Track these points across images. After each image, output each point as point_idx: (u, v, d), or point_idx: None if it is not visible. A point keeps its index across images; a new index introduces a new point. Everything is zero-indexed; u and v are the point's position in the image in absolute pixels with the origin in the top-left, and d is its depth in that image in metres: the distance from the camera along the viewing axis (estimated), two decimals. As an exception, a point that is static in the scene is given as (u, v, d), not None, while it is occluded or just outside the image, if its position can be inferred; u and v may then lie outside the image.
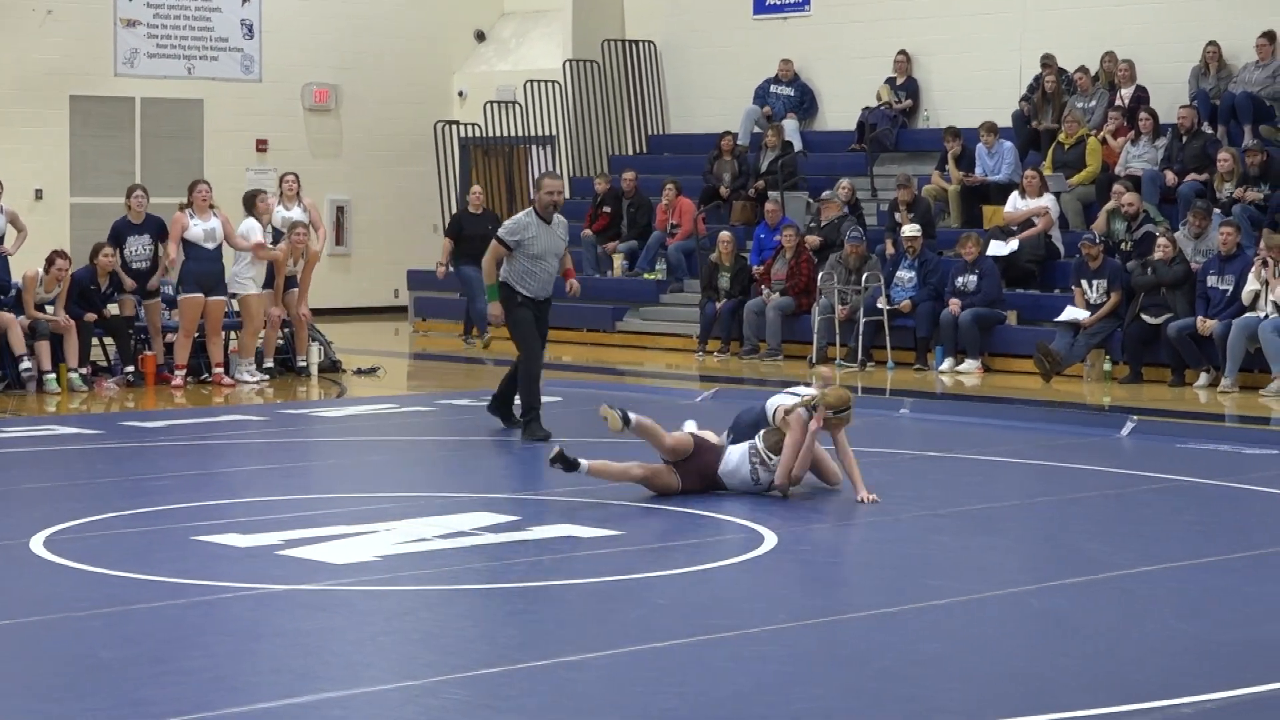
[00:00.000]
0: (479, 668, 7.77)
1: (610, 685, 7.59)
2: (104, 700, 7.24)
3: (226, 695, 7.34)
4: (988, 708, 7.29)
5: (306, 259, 20.50)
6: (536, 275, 14.89)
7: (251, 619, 8.81)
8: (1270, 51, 22.84)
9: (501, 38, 31.74)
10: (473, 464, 14.53)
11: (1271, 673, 7.76)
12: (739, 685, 7.57)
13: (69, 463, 14.35)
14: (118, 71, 28.08)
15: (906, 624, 8.75)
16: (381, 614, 8.96)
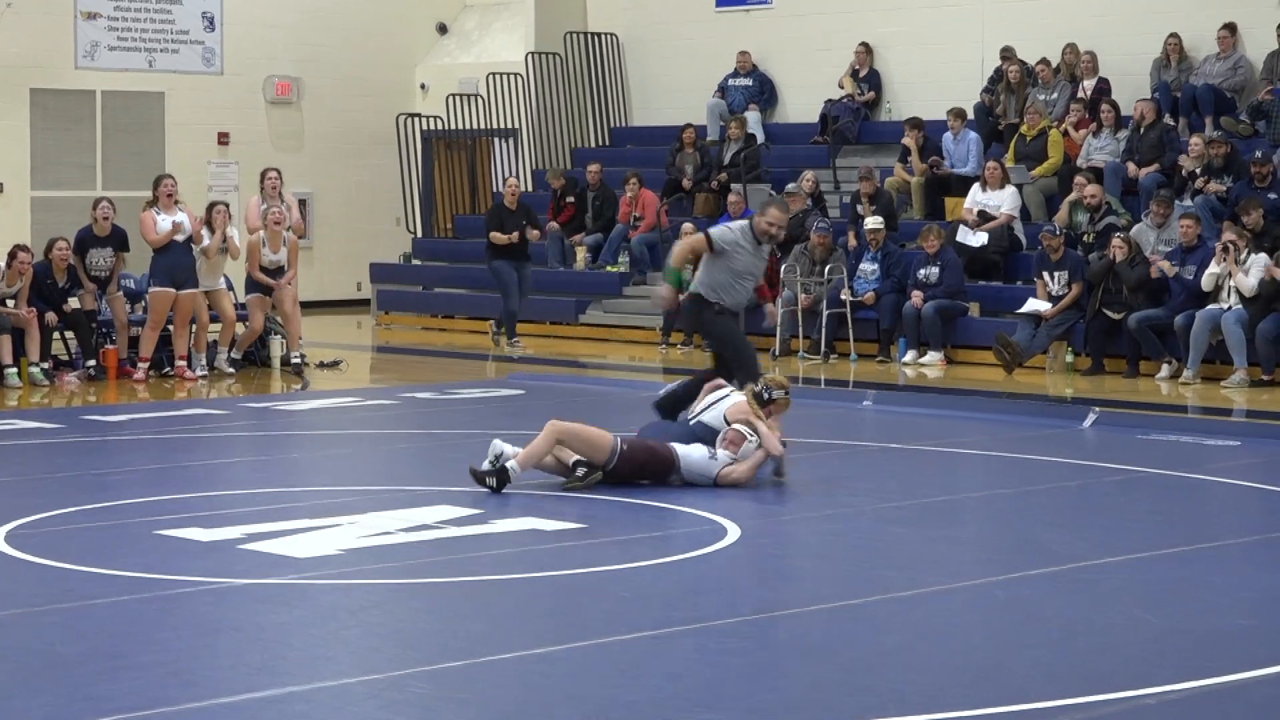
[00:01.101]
0: (443, 661, 7.75)
1: (575, 678, 7.58)
2: (59, 696, 7.20)
3: (186, 690, 7.31)
4: (951, 699, 7.29)
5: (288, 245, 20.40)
6: (735, 291, 13.85)
7: (213, 613, 8.78)
8: (1231, 44, 22.92)
9: (464, 30, 31.71)
10: (436, 457, 14.50)
11: (1234, 663, 7.77)
12: (704, 677, 7.56)
13: (30, 457, 14.30)
14: (78, 64, 27.99)
15: (870, 616, 8.75)
16: (344, 608, 8.94)
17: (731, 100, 27.16)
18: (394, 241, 29.95)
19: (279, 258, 20.34)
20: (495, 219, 23.77)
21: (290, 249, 20.47)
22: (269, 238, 20.26)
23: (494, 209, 24.35)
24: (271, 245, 20.30)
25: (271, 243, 20.29)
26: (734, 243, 13.67)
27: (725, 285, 13.77)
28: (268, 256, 20.27)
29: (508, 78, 29.43)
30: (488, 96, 29.50)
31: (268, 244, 20.25)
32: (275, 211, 20.38)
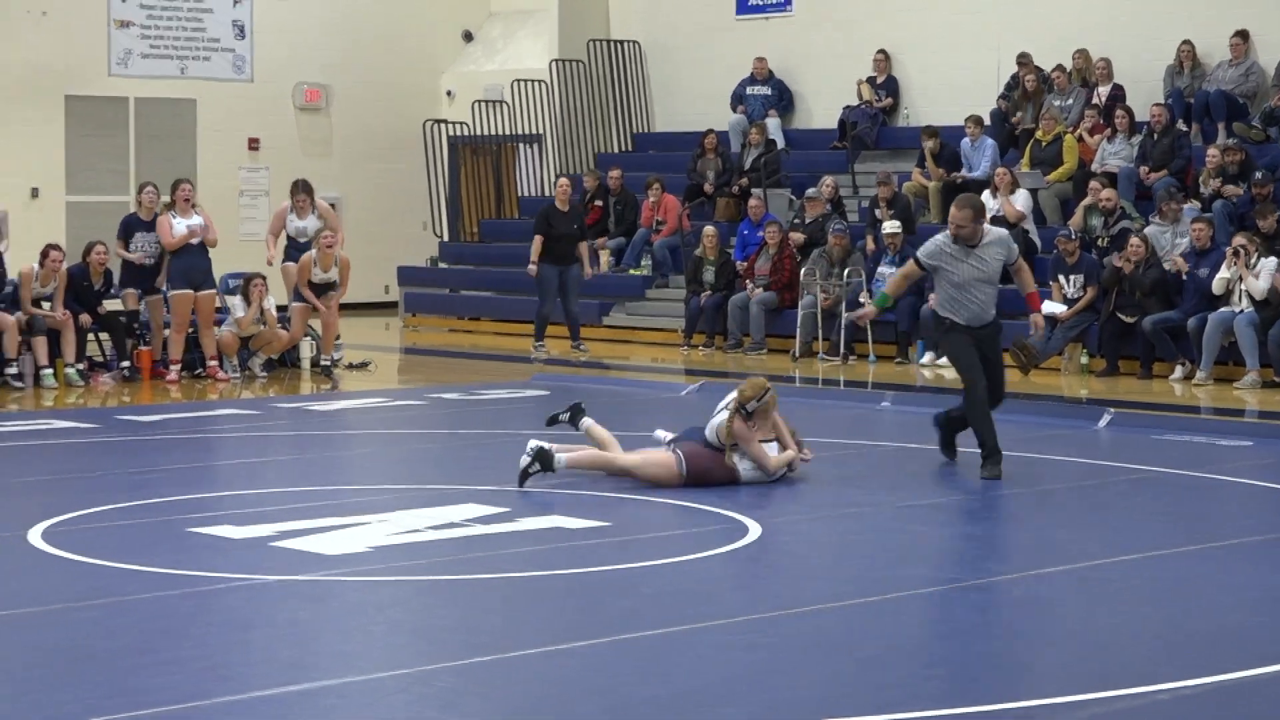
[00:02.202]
0: (469, 656, 7.78)
1: (598, 673, 7.60)
2: (96, 690, 7.24)
3: (219, 684, 7.34)
4: (967, 694, 7.31)
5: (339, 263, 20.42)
6: (964, 304, 12.98)
7: (245, 609, 8.81)
8: (1243, 50, 22.89)
9: (489, 38, 31.73)
10: (463, 456, 14.53)
11: (1246, 660, 7.78)
12: (724, 673, 7.58)
13: (66, 456, 14.34)
14: (112, 72, 28.06)
15: (886, 612, 8.76)
16: (374, 604, 8.97)
17: (750, 108, 27.15)
18: (421, 245, 29.98)
19: (330, 275, 20.36)
20: (544, 220, 22.97)
21: (342, 268, 20.44)
22: (320, 257, 20.26)
23: (545, 211, 23.32)
24: (322, 264, 20.30)
25: (322, 262, 20.30)
26: (938, 254, 13.02)
27: (950, 299, 13.05)
28: (318, 275, 20.28)
29: (532, 84, 29.45)
30: (512, 103, 29.53)
31: (318, 263, 20.26)
32: (327, 235, 20.37)
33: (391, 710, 7.13)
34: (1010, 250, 13.10)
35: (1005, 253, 13.01)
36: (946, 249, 12.95)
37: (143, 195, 19.98)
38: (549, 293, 22.78)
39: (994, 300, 13.05)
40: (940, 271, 12.97)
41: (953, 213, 13.01)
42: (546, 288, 22.85)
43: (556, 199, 23.27)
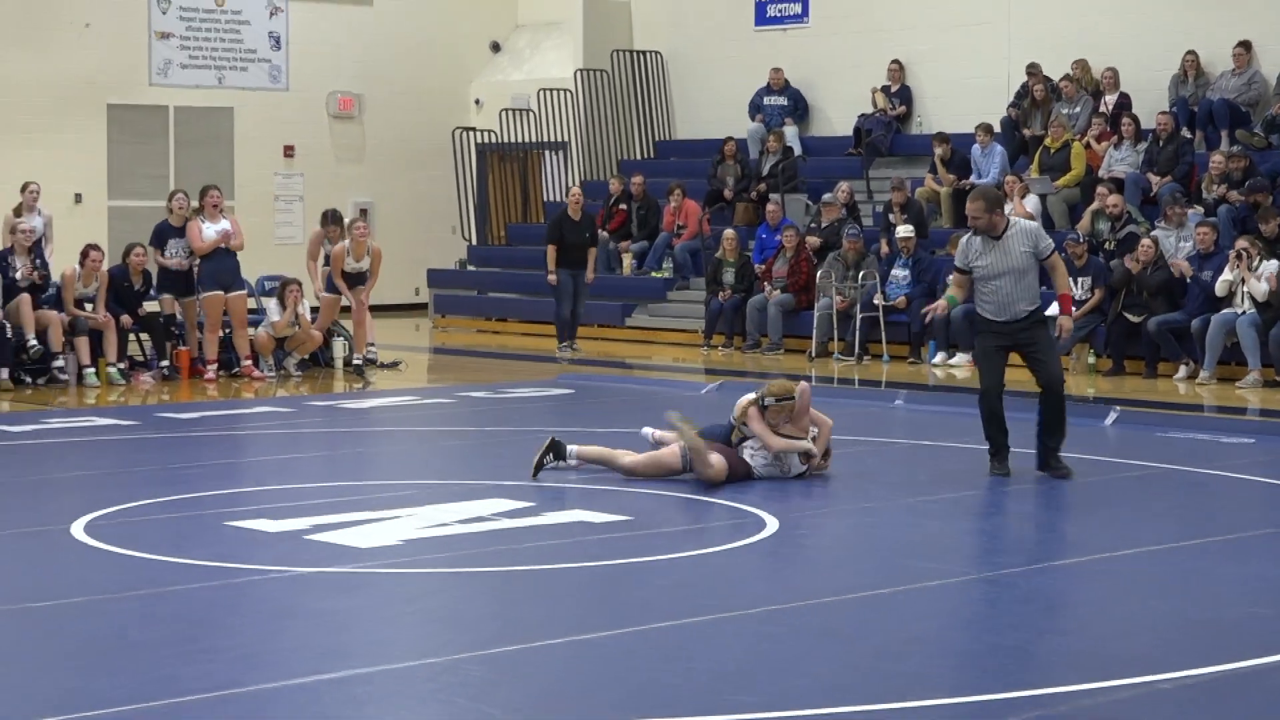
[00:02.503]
0: (497, 646, 7.79)
1: (620, 661, 7.61)
2: (137, 678, 7.26)
3: (255, 672, 7.36)
4: (976, 683, 7.31)
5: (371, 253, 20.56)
6: (989, 299, 12.61)
7: (280, 600, 8.83)
8: (1246, 60, 22.87)
9: (516, 48, 31.75)
10: (490, 453, 14.54)
11: (1249, 650, 7.77)
12: (742, 662, 7.59)
13: (107, 452, 14.38)
14: (152, 81, 28.12)
15: (899, 604, 8.76)
16: (404, 595, 8.98)
17: (767, 116, 27.14)
18: (450, 249, 30.01)
19: (362, 265, 20.44)
20: (556, 229, 23.03)
21: (374, 257, 20.54)
22: (353, 246, 20.36)
23: (557, 218, 23.42)
24: (355, 253, 20.40)
25: (355, 250, 20.39)
26: (965, 251, 12.76)
27: (979, 293, 12.71)
28: (350, 264, 20.37)
29: (557, 94, 29.46)
30: (538, 111, 29.55)
31: (351, 252, 20.36)
32: (361, 226, 20.50)
33: (421, 697, 7.14)
34: (1038, 242, 12.58)
35: (1032, 244, 12.51)
36: (972, 244, 12.68)
37: (173, 203, 20.00)
38: (565, 296, 22.83)
39: (1027, 293, 12.53)
40: (972, 268, 12.69)
41: (968, 205, 12.78)
42: (562, 291, 22.90)
43: (569, 208, 23.25)
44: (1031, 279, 12.59)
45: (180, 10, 28.30)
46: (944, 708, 6.88)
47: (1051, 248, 12.74)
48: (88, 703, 6.84)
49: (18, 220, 19.49)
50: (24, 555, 9.97)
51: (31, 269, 18.72)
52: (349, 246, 20.39)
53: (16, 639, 8.01)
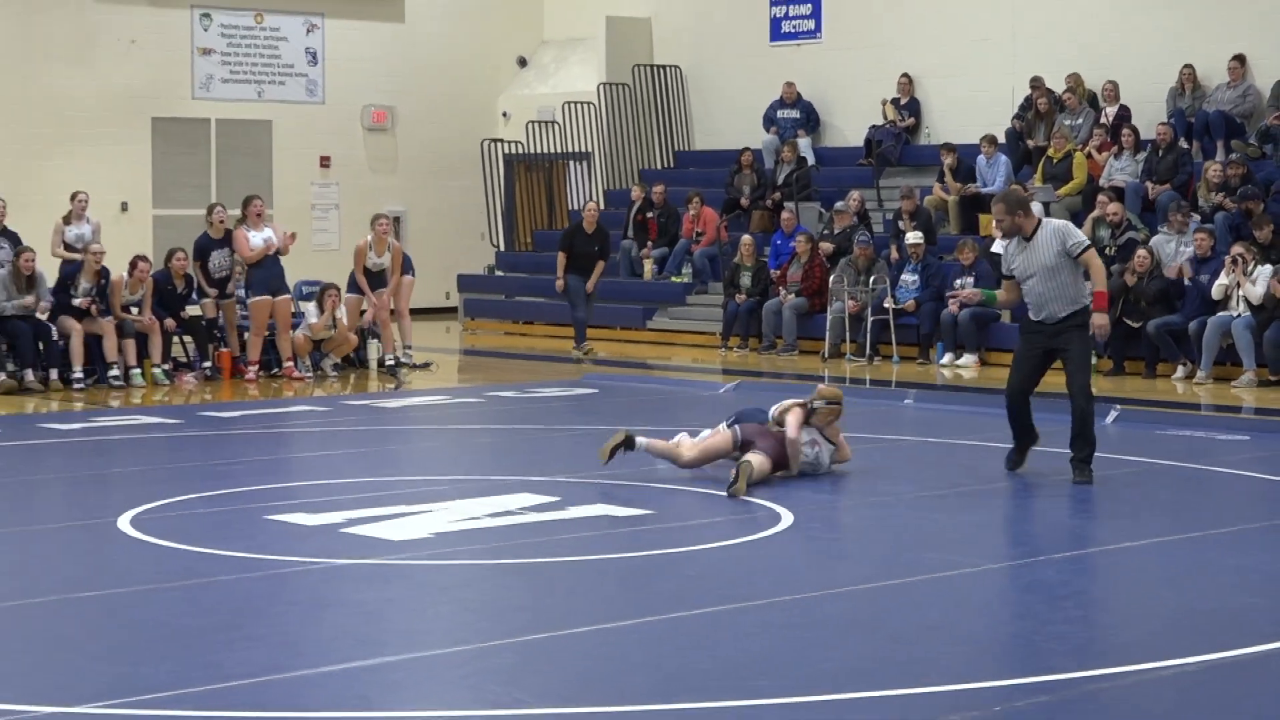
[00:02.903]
0: (526, 634, 7.79)
1: (646, 649, 7.60)
2: (182, 664, 7.27)
3: (294, 659, 7.37)
4: (984, 670, 7.30)
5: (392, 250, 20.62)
6: (1027, 299, 12.20)
7: (318, 590, 8.84)
8: (1241, 74, 22.82)
9: (541, 63, 31.76)
10: (518, 450, 14.55)
11: (1245, 639, 7.76)
12: (763, 648, 7.58)
13: (153, 449, 14.41)
14: (195, 95, 28.17)
15: (911, 594, 8.75)
16: (436, 586, 8.98)
17: (780, 129, 27.12)
18: (479, 254, 30.03)
19: (383, 261, 20.49)
20: (569, 239, 23.23)
21: (394, 254, 20.59)
22: (375, 242, 20.41)
23: (570, 229, 23.68)
24: (377, 249, 20.45)
25: (377, 246, 20.44)
26: (1004, 257, 12.34)
27: (1023, 295, 12.29)
28: (372, 260, 20.42)
29: (582, 106, 29.47)
30: (563, 123, 29.56)
31: (373, 248, 20.41)
32: (383, 221, 20.58)
33: (453, 683, 7.14)
34: (1066, 238, 11.99)
35: (1060, 241, 11.95)
36: (1009, 248, 12.24)
37: (213, 215, 20.03)
38: (579, 299, 22.92)
39: (1062, 294, 12.01)
40: (1012, 271, 12.22)
41: (993, 209, 12.44)
42: (576, 295, 23.00)
43: (584, 220, 23.32)
44: (1065, 279, 12.00)
45: (221, 28, 28.35)
46: (955, 693, 6.87)
47: (1082, 245, 12.05)
48: (136, 688, 6.85)
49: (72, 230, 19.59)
50: (74, 548, 9.99)
51: (91, 300, 18.71)
52: (371, 242, 20.42)
53: (68, 627, 8.02)
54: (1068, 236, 12.07)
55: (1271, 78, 22.68)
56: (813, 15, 27.91)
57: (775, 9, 28.33)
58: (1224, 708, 6.80)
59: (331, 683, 7.03)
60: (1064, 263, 11.99)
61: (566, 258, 22.99)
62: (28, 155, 26.42)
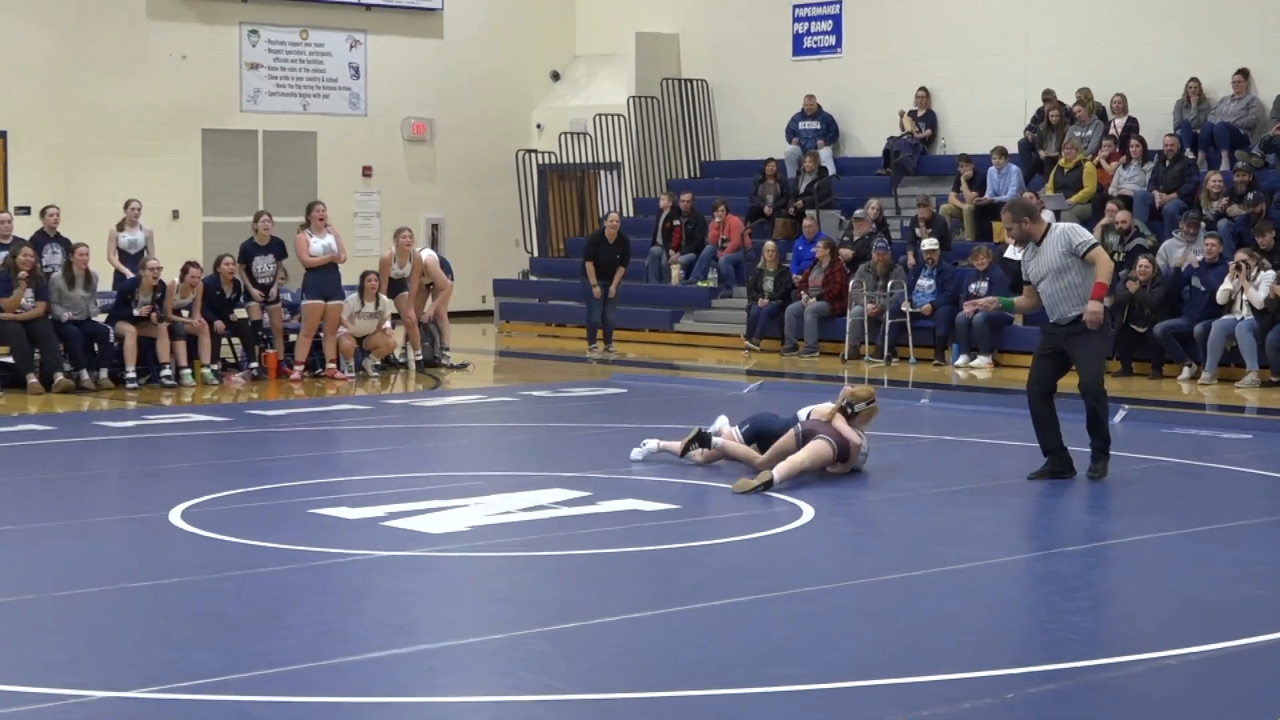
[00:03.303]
0: (556, 623, 7.78)
1: (671, 637, 7.60)
2: (229, 651, 7.28)
3: (335, 647, 7.38)
4: (996, 658, 7.27)
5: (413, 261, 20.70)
6: (1043, 300, 12.08)
7: (358, 581, 8.84)
8: (1245, 87, 22.76)
9: (574, 77, 31.77)
10: (550, 447, 14.55)
11: (1248, 629, 7.72)
12: (783, 638, 7.57)
13: (202, 446, 14.44)
14: (243, 108, 28.22)
15: (926, 586, 8.73)
16: (471, 576, 8.98)
17: (802, 140, 27.09)
18: (514, 260, 30.05)
19: (404, 272, 20.67)
20: (592, 249, 23.36)
21: (415, 265, 20.74)
22: (398, 254, 20.59)
23: (593, 238, 23.79)
24: (399, 260, 20.67)
25: (399, 258, 20.64)
26: (1023, 263, 12.24)
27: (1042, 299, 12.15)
28: (395, 270, 20.62)
29: (612, 118, 29.47)
30: (595, 135, 29.57)
31: (397, 259, 20.59)
32: (405, 234, 20.72)
33: (487, 670, 7.14)
34: (1069, 240, 11.84)
35: (1066, 242, 11.82)
36: (1025, 254, 12.17)
37: (259, 223, 20.09)
38: (596, 304, 23.20)
39: (1070, 295, 11.83)
40: (1028, 276, 12.11)
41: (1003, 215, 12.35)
42: (594, 300, 23.23)
43: (606, 230, 23.46)
44: (1073, 279, 11.82)
45: (268, 43, 28.41)
46: (968, 681, 6.85)
47: (1088, 244, 11.84)
48: (185, 673, 6.86)
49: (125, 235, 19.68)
50: (127, 540, 10.01)
51: (151, 308, 18.77)
52: (395, 253, 20.63)
53: (121, 615, 8.04)
54: (1073, 236, 11.95)
55: (1274, 90, 22.62)
56: (833, 31, 27.88)
57: (797, 25, 28.30)
58: (1228, 696, 6.77)
59: (370, 669, 7.03)
60: (1071, 263, 11.86)
61: (593, 268, 23.12)
62: (84, 165, 26.50)
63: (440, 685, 6.93)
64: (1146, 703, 6.64)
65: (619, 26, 30.31)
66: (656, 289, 26.06)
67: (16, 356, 18.34)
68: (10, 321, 18.20)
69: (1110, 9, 24.58)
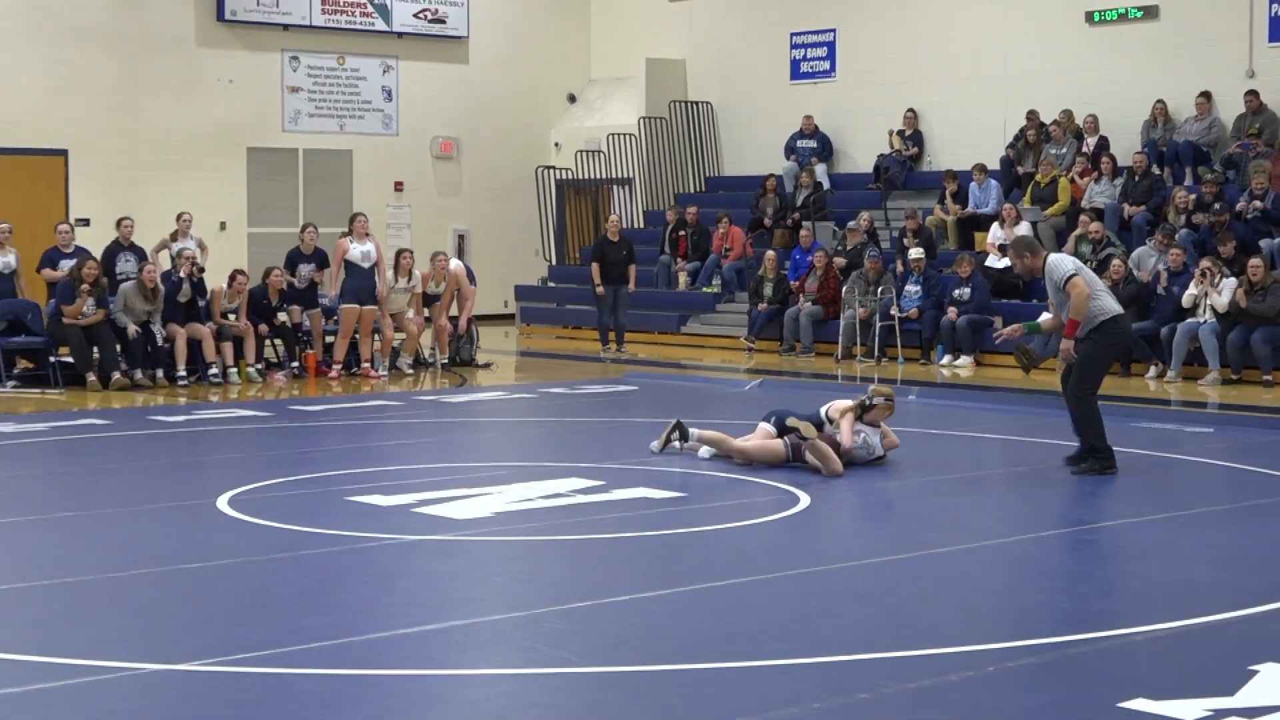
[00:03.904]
0: (573, 602, 7.79)
1: (678, 615, 7.60)
2: (272, 628, 7.30)
3: (371, 623, 7.39)
4: (977, 634, 7.28)
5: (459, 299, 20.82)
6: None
7: (391, 563, 8.86)
8: (1207, 108, 22.72)
9: (589, 99, 31.76)
10: (566, 439, 14.55)
11: (1208, 607, 7.73)
12: (780, 616, 7.57)
13: (247, 438, 14.45)
14: (284, 128, 28.23)
15: (912, 568, 8.74)
16: (495, 559, 8.99)
17: (800, 156, 27.08)
18: (533, 268, 30.04)
19: (439, 289, 20.82)
20: (598, 251, 23.45)
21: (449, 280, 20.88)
22: (434, 272, 20.88)
23: (598, 242, 23.88)
24: (435, 279, 20.76)
25: (436, 276, 20.79)
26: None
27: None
28: (430, 287, 20.81)
29: (624, 137, 29.47)
30: (608, 152, 29.56)
31: (433, 279, 20.80)
32: (440, 258, 20.79)
33: (509, 645, 7.15)
34: (1053, 273, 11.99)
35: (1054, 276, 12.01)
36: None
37: (305, 234, 20.21)
38: (606, 306, 23.20)
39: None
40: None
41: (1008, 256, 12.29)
42: (604, 303, 23.26)
43: (608, 232, 23.61)
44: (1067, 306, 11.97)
45: (308, 69, 28.42)
46: (951, 655, 6.86)
47: (1066, 275, 11.94)
48: (232, 648, 6.88)
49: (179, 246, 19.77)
50: (178, 525, 10.03)
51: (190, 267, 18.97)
52: (431, 272, 20.77)
53: (172, 595, 8.06)
54: (1054, 271, 12.02)
55: (1234, 112, 22.58)
56: (828, 57, 27.86)
57: (795, 51, 28.28)
58: (1190, 668, 6.77)
59: (402, 644, 7.05)
60: (1062, 294, 12.01)
61: (600, 267, 23.14)
62: (139, 181, 26.53)
63: (467, 659, 6.94)
64: (1114, 675, 6.64)
65: (630, 53, 30.30)
66: (665, 294, 26.06)
67: (76, 356, 18.37)
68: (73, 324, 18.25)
69: (1083, 38, 24.55)
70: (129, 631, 7.26)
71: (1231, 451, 13.39)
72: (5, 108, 25.44)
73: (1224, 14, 23.08)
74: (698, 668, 6.69)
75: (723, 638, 7.16)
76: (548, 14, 31.31)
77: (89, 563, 8.78)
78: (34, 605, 7.81)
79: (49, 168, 26.02)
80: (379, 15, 28.96)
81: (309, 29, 28.24)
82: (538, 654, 6.96)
